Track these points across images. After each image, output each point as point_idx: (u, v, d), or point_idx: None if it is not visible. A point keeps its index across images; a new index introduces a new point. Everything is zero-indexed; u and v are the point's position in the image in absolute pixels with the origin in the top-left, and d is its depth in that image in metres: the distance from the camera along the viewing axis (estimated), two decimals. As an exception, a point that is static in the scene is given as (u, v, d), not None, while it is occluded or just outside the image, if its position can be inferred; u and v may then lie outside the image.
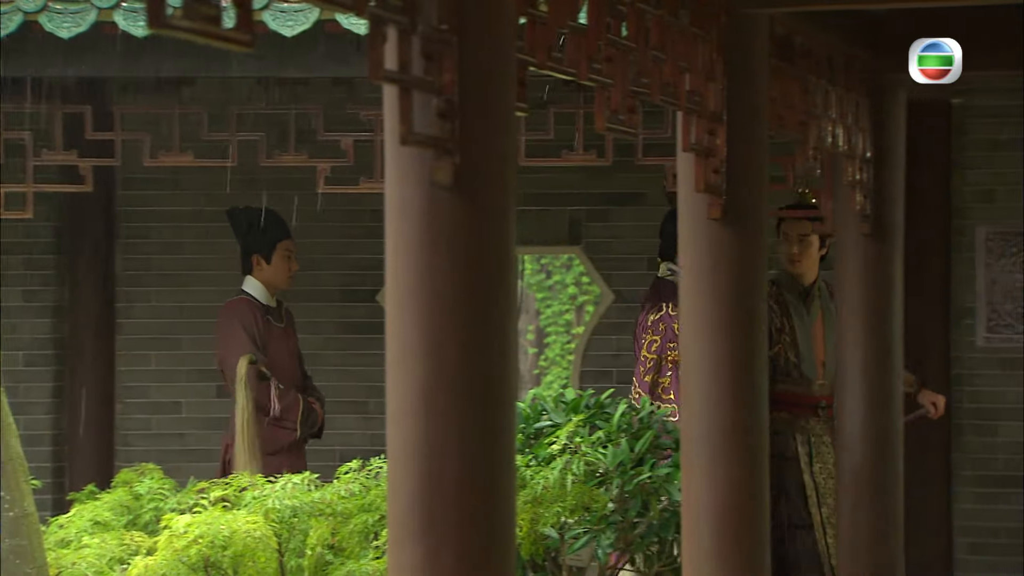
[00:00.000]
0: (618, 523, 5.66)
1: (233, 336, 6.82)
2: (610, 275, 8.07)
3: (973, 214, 7.67)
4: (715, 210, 4.60)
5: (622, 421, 5.85)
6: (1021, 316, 7.76)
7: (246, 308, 6.90)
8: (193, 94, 7.59)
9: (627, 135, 4.19)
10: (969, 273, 7.67)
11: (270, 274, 6.96)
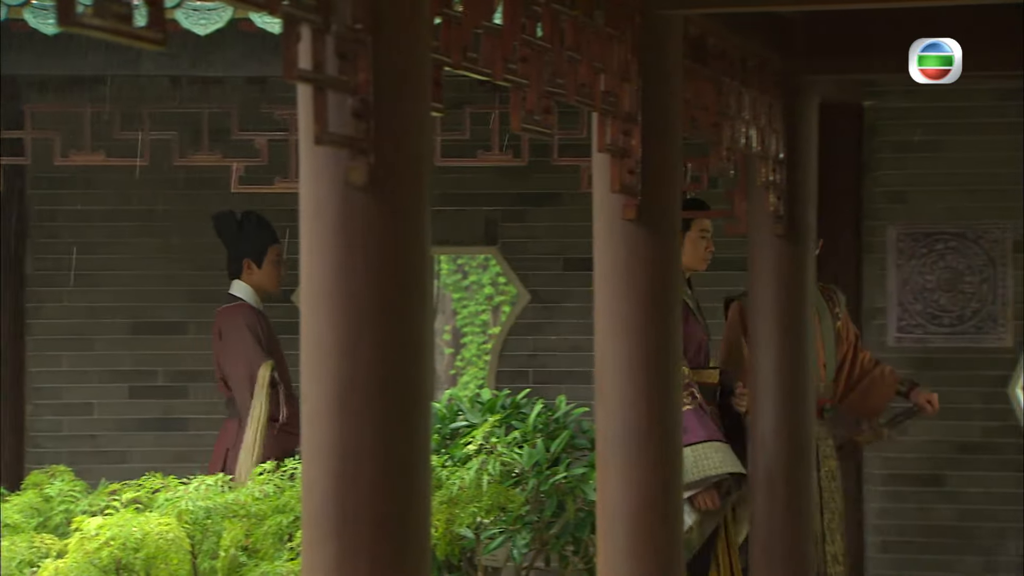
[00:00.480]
0: (534, 523, 5.67)
1: (244, 343, 6.69)
2: (526, 275, 8.08)
3: (885, 215, 7.74)
4: (630, 210, 4.61)
5: (538, 421, 5.86)
6: (931, 316, 7.84)
7: (251, 313, 6.79)
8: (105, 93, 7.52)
9: (543, 135, 4.19)
10: (880, 273, 7.75)
11: (261, 278, 6.87)
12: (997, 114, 7.62)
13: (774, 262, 6.20)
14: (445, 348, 16.08)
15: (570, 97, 4.21)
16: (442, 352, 16.00)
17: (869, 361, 6.70)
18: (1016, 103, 7.61)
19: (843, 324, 6.67)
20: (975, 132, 7.64)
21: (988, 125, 7.61)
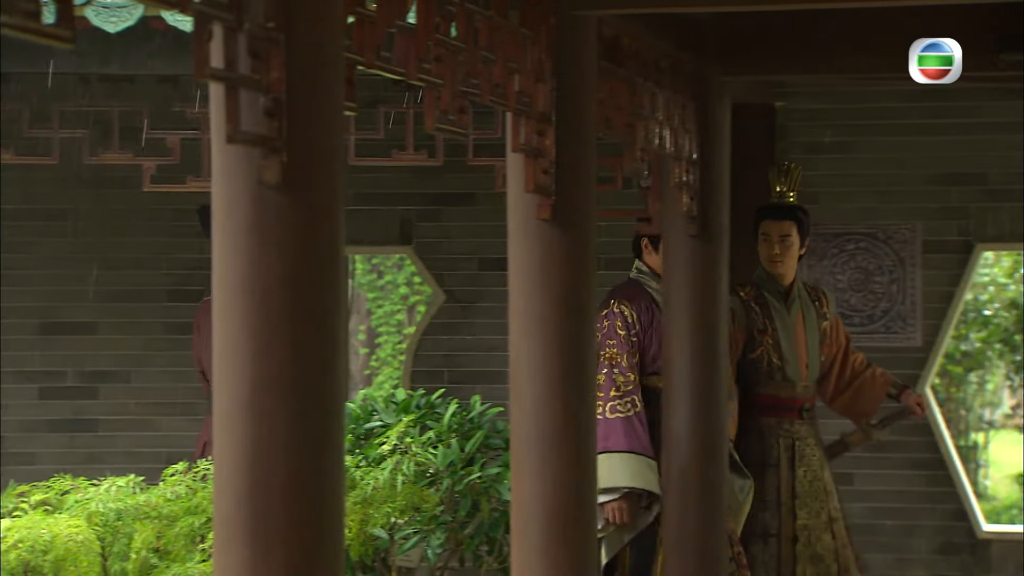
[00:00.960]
0: (448, 523, 5.67)
1: None
2: (441, 275, 8.08)
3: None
4: (544, 210, 4.62)
5: (452, 421, 5.85)
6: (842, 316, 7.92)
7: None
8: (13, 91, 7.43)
9: (457, 135, 4.19)
10: (792, 273, 7.80)
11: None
12: (906, 116, 7.71)
13: (687, 262, 6.23)
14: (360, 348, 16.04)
15: (484, 97, 4.21)
16: (357, 352, 15.95)
17: (861, 363, 6.65)
18: (924, 104, 7.70)
19: (832, 325, 6.62)
20: (885, 133, 7.72)
21: (897, 127, 7.70)
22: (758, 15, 6.09)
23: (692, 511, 6.15)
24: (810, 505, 6.38)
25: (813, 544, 6.33)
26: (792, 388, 6.52)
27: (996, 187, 7.61)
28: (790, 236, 6.52)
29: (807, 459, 6.46)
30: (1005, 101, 7.60)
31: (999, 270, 13.60)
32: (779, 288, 6.58)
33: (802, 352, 6.52)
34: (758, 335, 6.54)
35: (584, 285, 4.71)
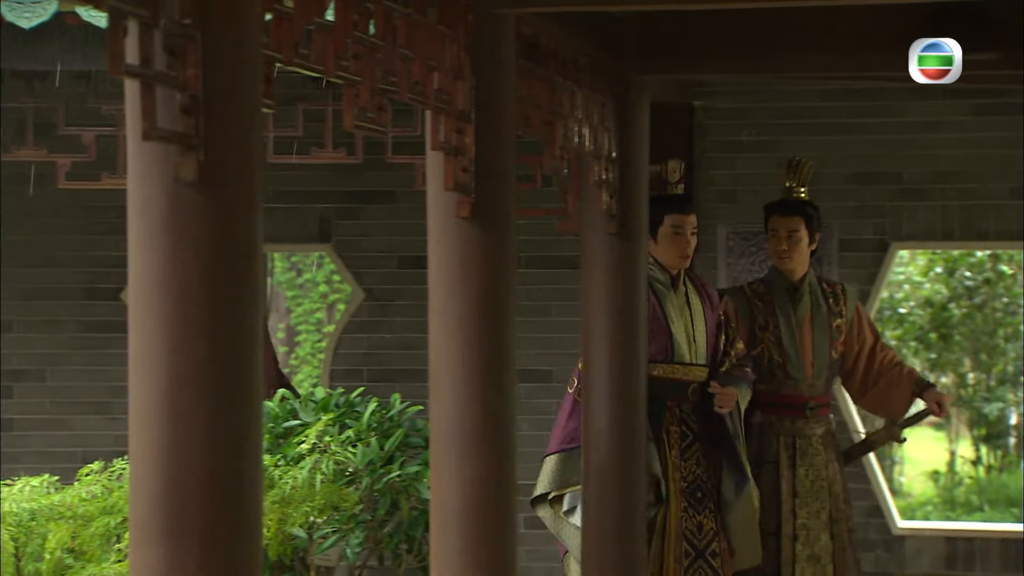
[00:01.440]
0: (367, 522, 5.66)
1: None
2: (361, 273, 8.05)
3: (715, 214, 7.85)
4: (464, 208, 4.62)
5: (372, 420, 5.84)
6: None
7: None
8: (-73, 86, 7.34)
9: (376, 133, 4.17)
10: (711, 272, 7.85)
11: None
12: (823, 115, 7.77)
13: (607, 259, 6.25)
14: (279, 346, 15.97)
15: (403, 95, 4.20)
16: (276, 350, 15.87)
17: (889, 362, 6.53)
18: (841, 104, 7.76)
19: (853, 322, 6.52)
20: (802, 133, 7.77)
21: (815, 126, 7.76)
22: (677, 14, 6.12)
23: (611, 509, 6.17)
24: (810, 505, 6.32)
25: (811, 544, 6.28)
26: (795, 385, 6.46)
27: (911, 186, 7.69)
28: (798, 232, 6.46)
29: (809, 457, 6.39)
30: (921, 101, 7.68)
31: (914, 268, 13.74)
32: (788, 284, 6.52)
33: (807, 349, 6.45)
34: (759, 332, 6.49)
35: (504, 283, 4.71)
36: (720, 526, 6.06)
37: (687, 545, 6.04)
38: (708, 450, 6.11)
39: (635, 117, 6.31)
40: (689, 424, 6.15)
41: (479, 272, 4.65)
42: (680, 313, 6.22)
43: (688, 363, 6.20)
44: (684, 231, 6.23)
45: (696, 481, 6.10)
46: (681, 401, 6.17)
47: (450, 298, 4.66)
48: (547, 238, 7.80)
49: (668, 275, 6.27)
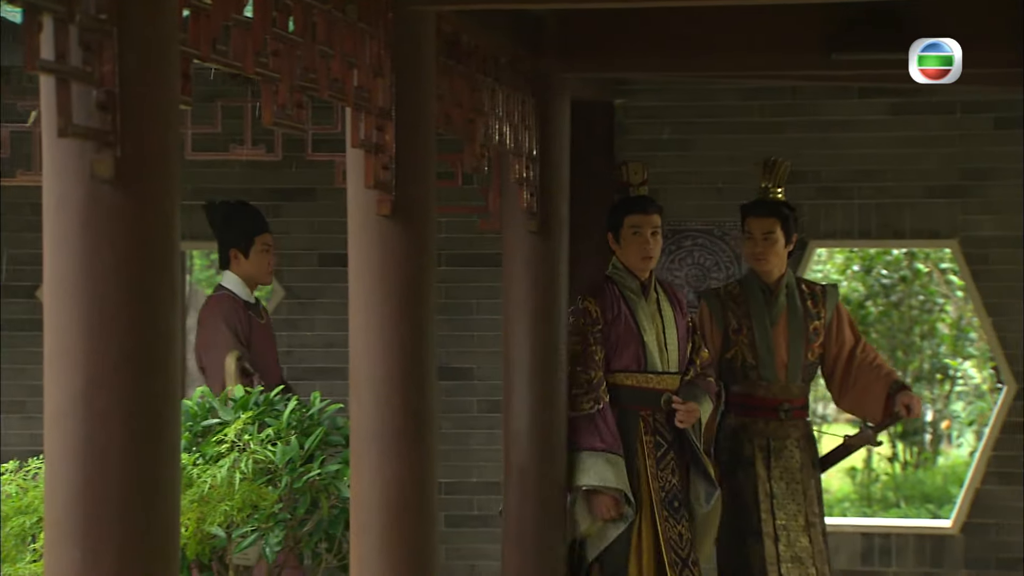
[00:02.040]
0: (287, 521, 5.63)
1: (217, 333, 6.49)
2: (281, 271, 8.02)
3: (635, 212, 7.86)
4: (384, 206, 4.61)
5: (292, 418, 5.80)
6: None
7: (228, 304, 6.58)
8: None
9: (296, 130, 4.16)
10: (631, 270, 7.87)
11: (249, 268, 6.65)
12: (743, 114, 7.82)
13: (528, 257, 6.26)
14: (197, 345, 15.84)
15: (323, 92, 4.19)
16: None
17: (869, 364, 6.37)
18: (761, 103, 7.81)
19: (831, 323, 6.38)
20: (722, 131, 7.82)
21: (734, 124, 7.81)
22: (598, 13, 6.14)
23: (531, 508, 6.18)
24: (787, 507, 6.24)
25: (793, 545, 6.20)
26: (768, 388, 6.34)
27: (829, 184, 7.76)
28: (773, 233, 6.34)
29: (784, 459, 6.28)
30: (839, 100, 7.75)
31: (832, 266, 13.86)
32: (763, 286, 6.40)
33: (781, 352, 6.33)
34: (732, 335, 6.37)
35: (424, 281, 4.71)
36: (692, 536, 6.00)
37: (673, 554, 5.94)
38: (680, 459, 6.03)
39: (556, 115, 6.33)
40: (663, 433, 6.02)
41: (400, 270, 4.65)
42: (652, 321, 6.09)
43: (660, 372, 6.07)
44: (643, 231, 6.10)
45: (672, 491, 5.99)
46: (655, 411, 6.03)
47: (371, 296, 4.66)
48: (468, 236, 7.80)
49: (638, 281, 6.14)
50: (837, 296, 6.47)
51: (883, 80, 7.29)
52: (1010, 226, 7.57)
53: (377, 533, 4.59)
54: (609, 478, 5.84)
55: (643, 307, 6.07)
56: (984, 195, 7.63)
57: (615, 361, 6.00)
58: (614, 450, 5.86)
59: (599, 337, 6.00)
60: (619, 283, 6.12)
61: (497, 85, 5.72)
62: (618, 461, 5.86)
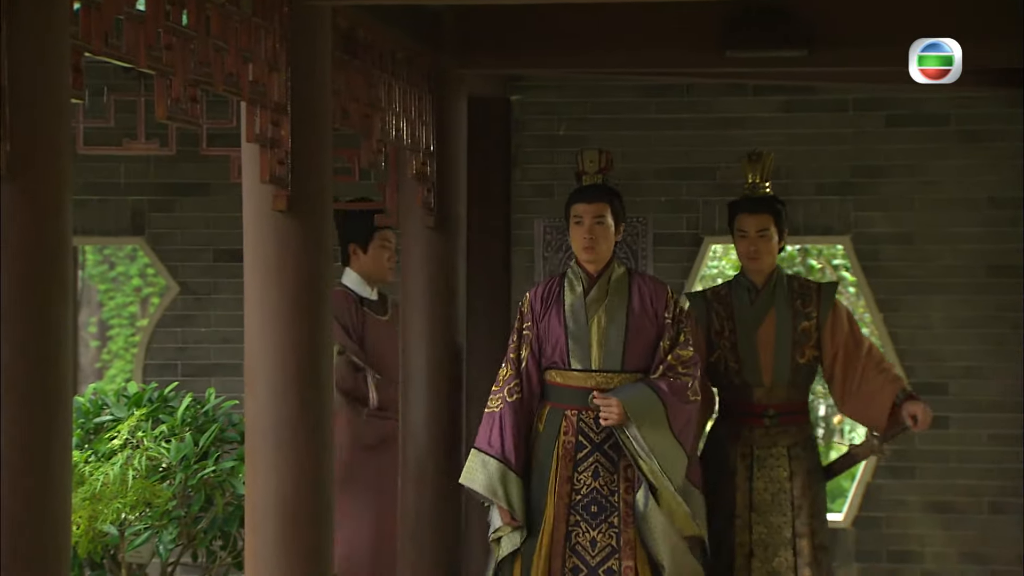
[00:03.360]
0: (181, 518, 5.58)
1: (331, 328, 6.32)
2: (175, 267, 7.95)
3: (532, 208, 7.90)
4: (280, 201, 4.59)
5: (186, 415, 5.77)
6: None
7: (339, 299, 6.40)
8: None
9: (190, 124, 4.13)
10: (528, 265, 7.90)
11: (367, 264, 6.49)
12: (639, 110, 7.85)
13: (425, 253, 6.26)
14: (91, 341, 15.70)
15: (217, 86, 4.16)
16: (87, 345, 15.60)
17: (874, 368, 5.89)
18: (656, 100, 7.85)
19: (827, 324, 5.92)
20: (618, 128, 7.86)
21: (630, 121, 7.84)
22: (495, 9, 6.15)
23: (428, 502, 6.18)
24: (770, 520, 5.82)
25: (769, 560, 5.79)
26: (751, 393, 5.89)
27: (724, 182, 7.81)
28: (768, 230, 5.91)
29: (768, 470, 5.86)
30: (733, 97, 7.81)
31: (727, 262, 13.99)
32: (750, 285, 5.97)
33: (766, 354, 5.89)
34: (715, 337, 5.95)
35: (320, 277, 4.69)
36: (624, 543, 5.46)
37: (576, 560, 5.48)
38: (614, 461, 5.53)
39: (453, 111, 6.33)
40: (587, 434, 5.54)
41: (295, 265, 4.63)
42: (588, 315, 5.60)
43: (589, 370, 5.57)
44: (584, 221, 5.63)
45: (591, 494, 5.50)
46: (581, 410, 5.55)
47: (266, 291, 4.63)
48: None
49: (586, 273, 5.69)
50: (834, 294, 6.00)
51: (777, 77, 7.36)
52: (901, 223, 7.68)
53: (273, 530, 4.57)
54: (477, 479, 5.50)
55: (578, 301, 5.63)
56: (876, 192, 7.73)
57: (545, 357, 5.62)
58: (495, 454, 5.49)
59: (525, 334, 5.64)
60: (570, 275, 5.70)
61: (394, 80, 5.71)
62: (497, 467, 5.48)
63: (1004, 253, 7.63)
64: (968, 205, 7.65)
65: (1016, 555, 7.60)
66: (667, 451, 5.47)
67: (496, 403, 5.57)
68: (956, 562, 7.64)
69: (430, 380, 6.19)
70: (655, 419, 5.47)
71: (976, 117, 7.63)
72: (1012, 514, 7.60)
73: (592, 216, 5.65)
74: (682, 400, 5.52)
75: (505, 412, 5.53)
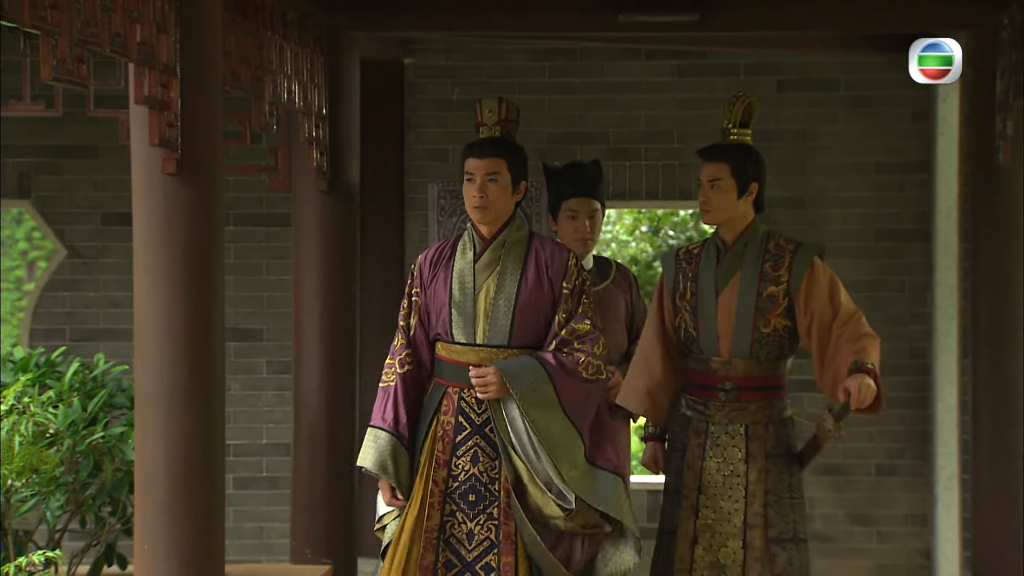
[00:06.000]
0: (68, 484, 5.52)
1: None
2: (62, 230, 7.84)
3: (426, 172, 7.87)
4: (169, 164, 4.54)
5: (74, 380, 5.70)
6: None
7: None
8: None
9: (77, 85, 4.06)
10: (422, 230, 7.88)
11: (561, 234, 5.77)
12: (532, 74, 7.85)
13: (318, 217, 6.23)
14: (-24, 305, 15.46)
15: (104, 47, 4.10)
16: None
17: (849, 337, 5.20)
18: (550, 64, 7.85)
19: (801, 290, 5.24)
20: (512, 92, 7.84)
21: (524, 85, 7.84)
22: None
23: (321, 469, 6.16)
24: (719, 504, 5.21)
25: (715, 550, 5.19)
26: (707, 363, 5.26)
27: (618, 146, 7.83)
28: (721, 180, 5.23)
29: (722, 448, 5.23)
30: (626, 61, 7.83)
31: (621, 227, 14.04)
32: (720, 243, 5.33)
33: (723, 320, 5.26)
34: (679, 301, 5.33)
35: (211, 240, 4.65)
36: (504, 537, 4.85)
37: (450, 554, 4.89)
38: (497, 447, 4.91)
39: (345, 74, 6.29)
40: (468, 415, 4.93)
41: (186, 229, 4.58)
42: (478, 283, 4.99)
43: (472, 344, 4.94)
44: (476, 177, 4.96)
45: (470, 481, 4.90)
46: (463, 388, 4.93)
47: (155, 255, 4.58)
48: (257, 195, 7.72)
49: (480, 236, 5.03)
50: (811, 257, 5.30)
51: (669, 43, 7.38)
52: (792, 188, 7.74)
53: (162, 496, 4.53)
54: (368, 456, 4.90)
55: (467, 267, 5.01)
56: (768, 156, 7.76)
57: (431, 328, 5.01)
58: (387, 428, 4.90)
59: (415, 300, 5.03)
60: (464, 238, 5.05)
61: (285, 42, 5.66)
62: (388, 441, 4.89)
63: (892, 217, 7.72)
64: (857, 170, 7.73)
65: (901, 516, 7.72)
66: (558, 433, 4.87)
67: (389, 376, 4.96)
68: (844, 523, 7.75)
69: (323, 346, 6.17)
70: (541, 395, 4.87)
71: (865, 82, 7.72)
72: (898, 476, 7.72)
73: (485, 172, 4.97)
74: (574, 376, 4.91)
75: (397, 384, 4.94)
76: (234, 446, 7.66)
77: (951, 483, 7.54)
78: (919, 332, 7.71)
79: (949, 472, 7.56)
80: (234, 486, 7.68)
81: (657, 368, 5.34)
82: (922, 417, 7.69)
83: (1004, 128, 5.95)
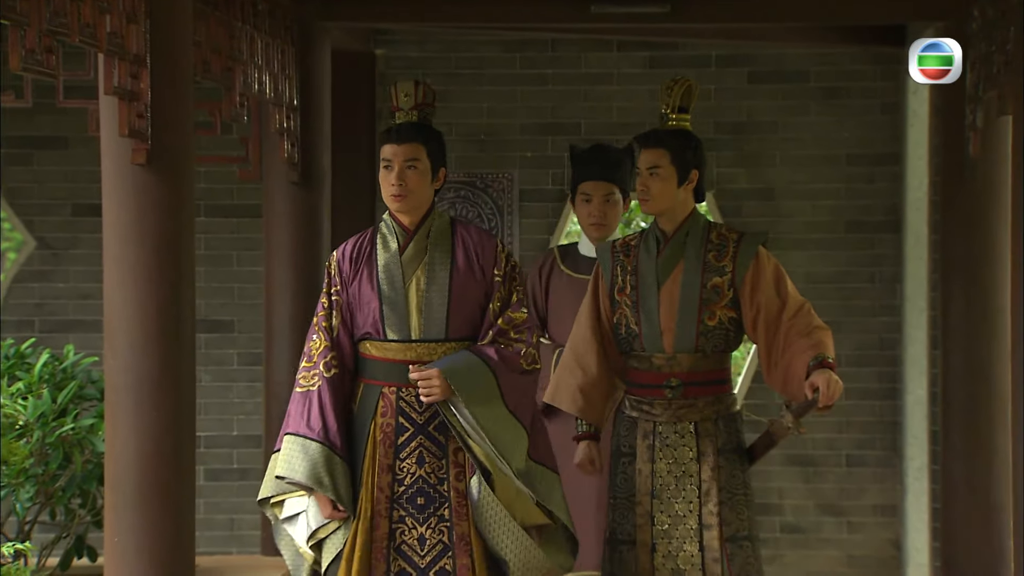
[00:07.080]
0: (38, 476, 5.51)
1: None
2: (32, 221, 7.82)
3: (397, 163, 7.86)
4: (139, 155, 4.53)
5: (44, 371, 5.68)
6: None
7: (541, 257, 5.91)
8: None
9: (46, 76, 4.05)
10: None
11: (577, 218, 5.80)
12: (504, 65, 7.85)
13: (288, 209, 6.23)
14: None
15: (73, 37, 4.08)
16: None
17: (801, 331, 4.99)
18: (522, 55, 7.85)
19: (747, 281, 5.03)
20: (483, 83, 7.84)
21: (496, 76, 7.83)
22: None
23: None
24: (673, 507, 5.04)
25: (674, 556, 5.01)
26: (650, 360, 5.05)
27: (590, 137, 7.83)
28: (659, 168, 4.99)
29: (672, 449, 5.04)
30: (598, 52, 7.83)
31: (592, 218, 14.08)
32: (659, 234, 5.11)
33: (666, 314, 5.04)
34: (618, 295, 5.11)
35: (182, 232, 4.64)
36: (458, 539, 4.67)
37: (403, 563, 4.68)
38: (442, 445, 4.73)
39: (316, 65, 6.28)
40: (409, 414, 4.71)
41: (156, 220, 4.58)
42: (407, 276, 4.76)
43: (407, 340, 4.71)
44: (393, 165, 4.77)
45: (416, 484, 4.69)
46: (401, 387, 4.70)
47: (126, 247, 4.57)
48: (228, 186, 7.70)
49: (401, 227, 4.82)
50: (756, 247, 5.09)
51: (641, 33, 7.39)
52: (763, 179, 7.76)
53: (133, 488, 4.52)
54: (297, 468, 4.59)
55: (393, 260, 4.78)
56: (738, 148, 7.80)
57: (357, 327, 4.76)
58: (317, 437, 4.62)
59: (335, 299, 4.77)
60: (383, 230, 4.84)
61: (256, 33, 5.65)
62: (320, 451, 4.61)
63: (861, 209, 7.75)
64: (827, 161, 7.75)
65: (870, 506, 7.75)
66: (502, 429, 4.70)
67: (311, 380, 4.67)
68: (815, 514, 7.78)
69: (293, 337, 6.16)
70: (485, 392, 4.68)
71: (835, 74, 7.73)
72: (868, 467, 7.75)
73: (403, 159, 4.75)
74: (514, 369, 4.73)
75: (323, 389, 4.65)
76: (205, 438, 7.65)
77: (921, 474, 7.58)
78: (889, 324, 7.73)
79: (919, 463, 7.59)
80: (205, 478, 7.67)
81: (592, 365, 5.11)
82: (892, 408, 7.72)
83: (974, 120, 5.98)
